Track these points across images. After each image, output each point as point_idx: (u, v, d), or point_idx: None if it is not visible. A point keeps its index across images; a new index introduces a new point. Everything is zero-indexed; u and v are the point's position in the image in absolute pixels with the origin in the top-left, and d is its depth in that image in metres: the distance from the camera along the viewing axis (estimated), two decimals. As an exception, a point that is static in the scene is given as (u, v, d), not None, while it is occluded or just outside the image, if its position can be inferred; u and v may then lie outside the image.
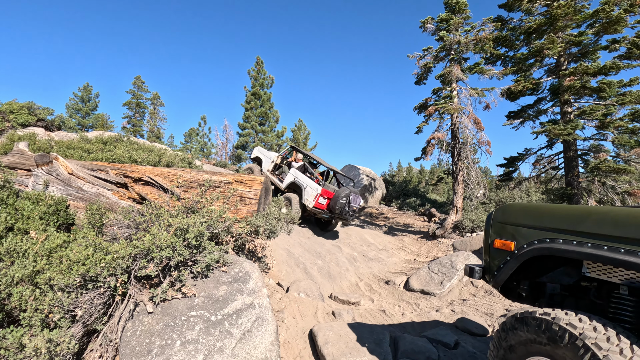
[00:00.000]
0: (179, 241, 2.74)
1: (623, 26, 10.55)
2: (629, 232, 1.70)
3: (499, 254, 2.38)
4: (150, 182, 4.26)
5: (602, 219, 1.85)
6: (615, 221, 1.79)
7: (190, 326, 2.56)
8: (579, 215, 1.98)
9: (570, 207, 2.10)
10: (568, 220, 2.01)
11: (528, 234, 2.18)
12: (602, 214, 1.88)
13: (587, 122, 11.38)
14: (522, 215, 2.30)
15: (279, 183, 10.05)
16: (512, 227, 2.31)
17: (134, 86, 35.81)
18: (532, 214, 2.25)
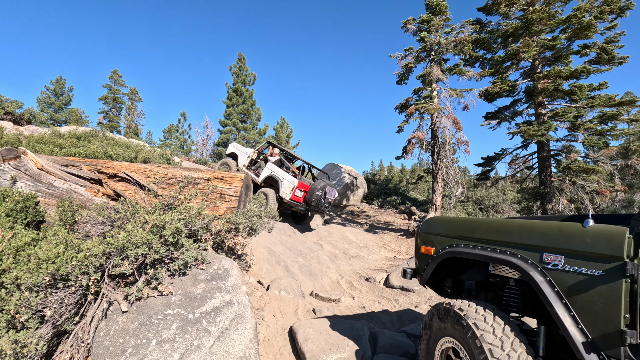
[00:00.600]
0: (155, 238, 2.68)
1: (593, 32, 11.01)
2: (503, 237, 2.28)
3: (423, 258, 2.94)
4: (126, 179, 4.14)
5: (488, 228, 2.42)
6: (496, 230, 2.36)
7: (167, 325, 2.51)
8: (474, 225, 2.57)
9: (470, 219, 2.73)
10: (467, 230, 2.58)
11: (442, 241, 2.74)
12: (488, 224, 2.46)
13: (559, 123, 11.83)
14: (439, 226, 2.88)
15: (256, 178, 10.17)
16: (432, 236, 2.89)
17: (111, 80, 34.70)
18: (445, 225, 2.84)
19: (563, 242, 1.98)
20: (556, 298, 1.95)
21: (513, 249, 2.19)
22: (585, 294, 1.85)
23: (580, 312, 1.86)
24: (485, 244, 2.36)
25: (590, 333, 1.81)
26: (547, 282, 2.00)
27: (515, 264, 2.12)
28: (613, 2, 10.72)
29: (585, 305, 1.85)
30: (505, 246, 2.25)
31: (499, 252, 2.24)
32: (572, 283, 1.91)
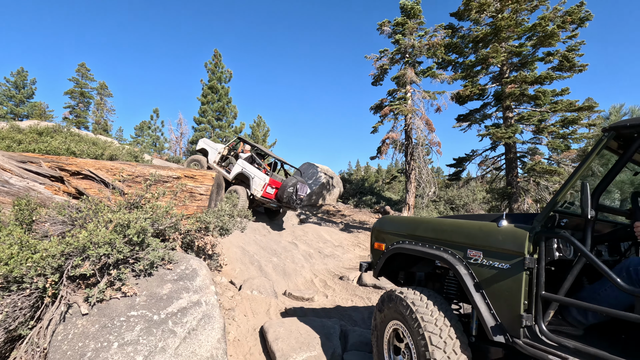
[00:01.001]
0: (118, 238, 2.59)
1: (556, 40, 11.60)
2: (438, 235, 2.58)
3: (376, 253, 3.25)
4: (91, 176, 3.98)
5: (427, 227, 2.74)
6: (433, 229, 2.67)
7: (130, 327, 2.44)
8: (416, 224, 2.88)
9: (414, 219, 3.01)
10: (411, 228, 2.89)
11: (392, 238, 3.04)
12: (427, 223, 2.79)
13: (525, 126, 12.38)
14: (389, 225, 3.18)
15: (226, 174, 10.08)
16: (383, 234, 3.18)
17: (78, 74, 33.16)
18: (394, 224, 3.13)
19: (482, 240, 2.26)
20: (475, 288, 2.22)
21: (445, 246, 2.50)
22: (496, 285, 2.13)
23: (492, 300, 2.14)
24: (424, 241, 2.69)
25: (499, 317, 2.10)
26: (469, 274, 2.28)
27: (445, 259, 2.43)
28: (574, 13, 11.33)
29: (496, 294, 2.12)
30: (439, 243, 2.56)
31: (434, 248, 2.56)
32: (487, 275, 2.19)
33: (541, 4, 12.21)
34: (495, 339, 2.07)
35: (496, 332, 2.07)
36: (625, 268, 1.91)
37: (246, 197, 9.31)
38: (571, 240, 1.87)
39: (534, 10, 12.43)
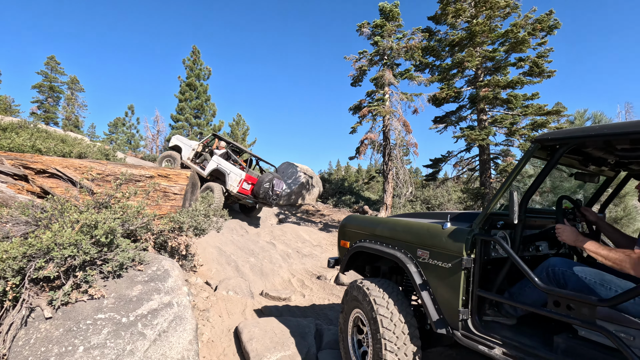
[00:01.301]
0: (85, 238, 2.51)
1: (527, 47, 12.08)
2: (393, 235, 2.76)
3: (342, 250, 3.44)
4: (57, 175, 3.83)
5: (384, 227, 2.90)
6: (389, 228, 2.85)
7: (97, 330, 2.37)
8: (375, 224, 3.05)
9: (374, 219, 3.19)
10: (371, 228, 3.06)
11: (355, 236, 3.22)
12: (384, 223, 2.95)
13: (498, 129, 12.83)
14: (353, 224, 3.35)
15: (201, 171, 9.99)
16: (348, 232, 3.36)
17: (47, 67, 31.73)
18: (357, 223, 3.31)
19: (429, 241, 2.43)
20: (423, 285, 2.40)
21: (399, 245, 2.67)
22: (440, 282, 2.31)
23: (437, 296, 2.32)
24: (382, 241, 2.85)
25: (442, 312, 2.29)
26: (418, 272, 2.46)
27: (398, 257, 2.59)
28: (543, 21, 11.83)
29: (439, 290, 2.31)
30: (394, 243, 2.72)
31: (390, 247, 2.73)
32: (433, 274, 2.36)
33: (513, 11, 12.68)
34: (438, 331, 2.26)
35: (439, 325, 2.28)
36: (545, 267, 2.09)
37: (221, 194, 9.23)
38: (500, 243, 2.02)
39: (506, 16, 12.90)
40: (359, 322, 2.89)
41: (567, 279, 1.96)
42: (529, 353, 1.87)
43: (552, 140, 1.93)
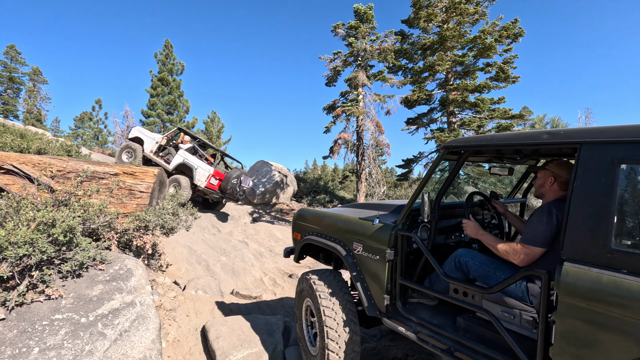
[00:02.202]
0: (41, 237, 2.44)
1: (494, 53, 12.62)
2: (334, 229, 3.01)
3: (295, 241, 3.68)
4: (14, 171, 3.67)
5: (327, 222, 3.14)
6: (330, 223, 3.09)
7: (54, 331, 2.32)
8: (320, 218, 3.27)
9: (320, 213, 3.36)
10: (317, 222, 3.28)
11: (305, 229, 3.44)
12: (328, 217, 3.18)
13: (466, 131, 13.32)
14: (304, 217, 3.54)
15: (165, 165, 9.94)
16: (299, 225, 3.57)
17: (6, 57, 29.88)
18: (307, 217, 3.50)
19: (362, 235, 2.68)
20: (357, 274, 2.67)
21: (339, 238, 2.92)
22: (370, 272, 2.58)
23: (368, 284, 2.61)
24: (326, 234, 3.10)
25: (373, 298, 2.57)
26: (353, 263, 2.72)
27: (338, 250, 2.84)
28: (509, 28, 12.40)
29: (370, 279, 2.59)
30: (335, 236, 2.98)
31: (332, 240, 2.98)
32: (365, 264, 2.63)
33: (481, 17, 13.20)
34: (369, 314, 2.55)
35: (370, 309, 2.56)
36: (453, 258, 2.33)
37: (189, 187, 9.28)
38: (415, 238, 2.30)
39: (475, 23, 13.41)
40: (309, 310, 3.19)
41: (469, 267, 2.23)
42: (436, 332, 2.17)
43: (456, 146, 2.20)
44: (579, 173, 1.59)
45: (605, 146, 1.52)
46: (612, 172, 1.47)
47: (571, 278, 1.49)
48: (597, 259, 1.46)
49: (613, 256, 1.41)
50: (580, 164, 1.59)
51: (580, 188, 1.57)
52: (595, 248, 1.47)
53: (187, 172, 9.64)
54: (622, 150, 1.46)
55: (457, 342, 2.06)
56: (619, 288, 1.35)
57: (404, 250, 2.39)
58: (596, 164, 1.53)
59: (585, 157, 1.58)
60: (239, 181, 9.66)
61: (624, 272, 1.38)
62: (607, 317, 1.37)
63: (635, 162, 1.44)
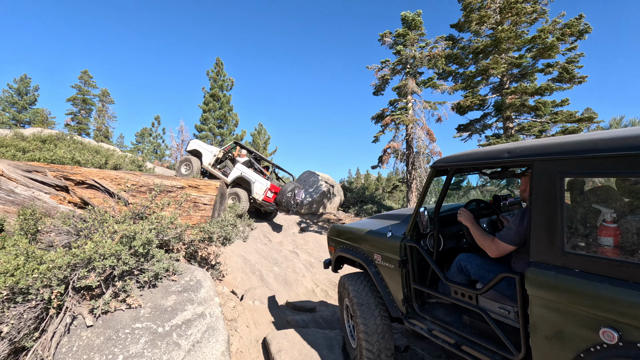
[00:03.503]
0: (124, 249, 2.59)
1: (556, 52, 11.72)
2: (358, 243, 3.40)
3: (331, 254, 4.08)
4: (95, 186, 3.99)
5: (352, 237, 3.53)
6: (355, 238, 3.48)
7: (135, 339, 2.43)
8: (346, 233, 3.66)
9: (346, 229, 3.72)
10: (344, 237, 3.70)
11: (337, 243, 3.84)
12: (352, 232, 3.55)
13: (525, 137, 12.44)
14: (334, 233, 3.94)
15: (223, 177, 10.35)
16: (332, 239, 3.99)
17: (81, 81, 33.40)
18: (336, 232, 3.88)
19: (380, 247, 3.02)
20: (380, 281, 3.02)
21: (362, 251, 3.31)
22: (390, 279, 2.91)
23: (389, 289, 2.94)
24: (352, 248, 3.51)
25: (394, 301, 2.92)
26: (376, 272, 3.08)
27: (362, 262, 3.23)
28: (573, 25, 11.47)
29: (390, 285, 2.93)
30: (359, 248, 3.37)
31: (357, 252, 3.39)
32: (385, 272, 2.97)
33: (540, 16, 12.37)
34: (393, 315, 2.91)
35: (393, 311, 2.92)
36: (456, 262, 2.56)
37: (247, 200, 9.70)
38: (418, 248, 2.59)
39: (533, 22, 12.59)
40: (348, 309, 3.53)
41: (468, 270, 2.47)
42: (446, 329, 2.44)
43: (442, 165, 2.46)
44: (533, 185, 1.75)
45: (551, 161, 1.67)
46: (559, 184, 1.63)
47: (535, 278, 1.72)
48: (555, 261, 1.66)
49: (567, 258, 1.61)
50: (533, 178, 1.76)
51: (536, 199, 1.74)
52: (552, 251, 1.67)
53: (244, 185, 10.06)
54: (564, 165, 1.62)
55: (463, 337, 2.30)
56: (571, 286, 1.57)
57: (414, 259, 2.70)
58: (545, 177, 1.69)
59: (537, 171, 1.75)
60: (293, 194, 10.01)
61: (577, 271, 1.58)
62: (565, 309, 1.59)
63: (575, 175, 1.65)
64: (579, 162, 1.56)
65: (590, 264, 1.54)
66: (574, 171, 1.61)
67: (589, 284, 1.51)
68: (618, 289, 1.42)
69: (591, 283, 1.50)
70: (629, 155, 1.40)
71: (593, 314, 1.49)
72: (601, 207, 1.66)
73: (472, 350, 2.18)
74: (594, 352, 1.48)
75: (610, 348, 1.43)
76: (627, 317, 1.39)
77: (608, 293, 1.44)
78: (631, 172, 1.43)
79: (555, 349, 1.65)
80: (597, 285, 1.48)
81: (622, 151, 1.42)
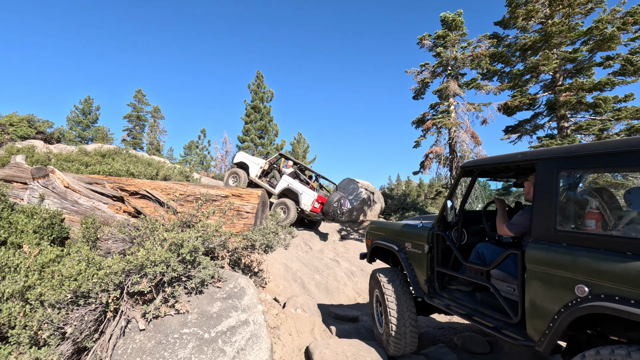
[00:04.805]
0: (173, 256, 2.70)
1: (617, 43, 10.74)
2: (392, 235, 3.98)
3: (367, 246, 4.62)
4: (147, 196, 4.24)
5: (387, 230, 4.14)
6: (389, 231, 4.09)
7: (183, 344, 2.51)
8: (382, 228, 4.30)
9: (383, 224, 4.39)
10: (381, 230, 4.30)
11: (374, 236, 4.43)
12: (388, 226, 4.21)
13: (584, 137, 11.46)
14: (374, 228, 4.53)
15: (271, 188, 10.67)
16: (370, 233, 4.58)
17: (135, 99, 36.13)
18: (377, 227, 4.47)
19: (411, 236, 3.57)
20: (408, 265, 3.55)
21: (396, 241, 3.86)
22: (417, 263, 3.45)
23: (415, 272, 3.49)
24: (387, 239, 4.07)
25: (418, 283, 3.44)
26: (405, 257, 3.62)
27: (394, 249, 3.78)
28: (636, 13, 10.46)
29: (417, 269, 3.46)
30: (394, 239, 3.90)
31: (390, 242, 3.94)
32: (413, 258, 3.51)
33: (597, 6, 11.43)
34: (416, 294, 3.46)
35: (418, 292, 3.45)
36: (475, 250, 3.05)
37: (295, 210, 9.99)
38: (443, 236, 3.13)
39: (588, 13, 11.67)
40: (377, 299, 4.05)
41: (485, 256, 2.94)
42: (460, 304, 2.93)
43: (469, 166, 2.96)
44: (537, 180, 2.26)
45: (551, 160, 2.20)
46: (555, 177, 2.14)
47: (532, 251, 2.18)
48: (548, 237, 2.13)
49: (558, 234, 2.08)
50: (537, 174, 2.26)
51: (538, 190, 2.24)
52: (547, 229, 2.13)
53: (291, 196, 10.32)
54: (560, 163, 2.14)
55: (474, 310, 2.81)
56: (558, 256, 2.01)
57: (439, 245, 3.19)
58: (546, 173, 2.20)
59: (540, 169, 2.26)
60: (339, 204, 10.24)
61: (564, 245, 2.03)
62: (552, 273, 2.03)
63: (567, 170, 2.14)
64: (568, 160, 2.10)
65: (574, 238, 2.00)
66: (566, 167, 2.11)
67: (572, 252, 1.95)
68: (591, 255, 1.86)
69: (573, 252, 1.95)
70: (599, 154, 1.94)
71: (571, 276, 1.92)
72: (589, 197, 2.21)
73: (480, 318, 2.69)
74: (570, 305, 1.90)
75: (582, 301, 1.85)
76: (595, 275, 1.81)
77: (584, 259, 1.88)
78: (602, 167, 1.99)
79: (543, 307, 2.09)
80: (577, 253, 1.92)
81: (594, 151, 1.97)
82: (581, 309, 1.83)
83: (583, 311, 1.82)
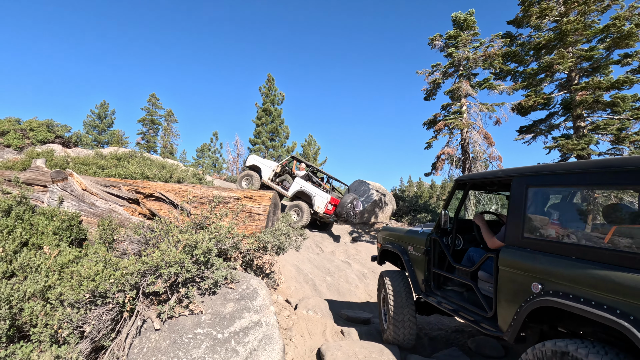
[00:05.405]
0: (187, 257, 2.75)
1: (635, 41, 10.46)
2: (397, 240, 4.47)
3: (378, 249, 5.04)
4: (161, 198, 4.33)
5: (393, 235, 4.59)
6: (394, 236, 4.54)
7: (197, 344, 2.55)
8: (390, 232, 4.73)
9: (390, 229, 4.80)
10: (389, 235, 4.74)
11: (384, 240, 4.86)
12: (393, 231, 4.64)
13: (601, 136, 11.19)
14: (382, 232, 4.99)
15: (284, 191, 10.75)
16: (380, 237, 5.02)
17: (149, 103, 36.81)
18: (384, 231, 4.92)
19: (412, 241, 4.03)
20: (410, 267, 4.01)
21: (400, 245, 4.31)
22: (416, 264, 3.91)
23: (416, 272, 3.93)
24: (394, 243, 4.49)
25: (418, 281, 3.85)
26: (407, 260, 4.07)
27: (397, 252, 4.25)
28: (655, 9, 10.18)
29: (416, 269, 3.92)
30: (399, 243, 4.37)
31: (396, 246, 4.38)
32: (414, 260, 3.96)
33: (614, 3, 11.17)
34: (416, 293, 3.87)
35: (417, 290, 3.87)
36: (467, 253, 3.39)
37: (309, 213, 10.11)
38: (437, 241, 3.54)
39: (605, 10, 11.40)
40: (384, 298, 4.36)
41: (473, 259, 3.28)
42: (449, 301, 3.31)
43: (462, 180, 3.38)
44: (511, 194, 2.60)
45: (522, 177, 2.54)
46: (525, 192, 2.47)
47: (503, 255, 2.52)
48: (517, 243, 2.46)
49: (524, 240, 2.40)
50: (512, 189, 2.60)
51: (512, 203, 2.57)
52: (517, 236, 2.47)
53: (304, 198, 10.40)
54: (529, 179, 2.49)
55: (460, 306, 3.16)
56: (521, 258, 2.36)
57: (435, 249, 3.60)
58: (518, 188, 2.54)
59: (514, 184, 2.59)
60: (352, 205, 10.32)
61: (528, 249, 2.36)
62: (516, 273, 2.37)
63: (535, 186, 2.45)
64: (536, 178, 2.45)
65: (535, 244, 2.32)
66: (534, 183, 2.45)
67: (531, 256, 2.29)
68: (546, 258, 2.18)
69: (532, 255, 2.28)
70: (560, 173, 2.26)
71: (531, 275, 2.24)
72: (552, 210, 2.52)
73: (464, 313, 3.04)
74: (528, 300, 2.20)
75: (536, 296, 2.15)
76: (548, 275, 2.12)
77: (539, 261, 2.20)
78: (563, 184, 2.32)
79: (509, 303, 2.41)
80: (535, 257, 2.26)
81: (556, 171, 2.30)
82: (534, 302, 2.14)
83: (535, 305, 2.13)
